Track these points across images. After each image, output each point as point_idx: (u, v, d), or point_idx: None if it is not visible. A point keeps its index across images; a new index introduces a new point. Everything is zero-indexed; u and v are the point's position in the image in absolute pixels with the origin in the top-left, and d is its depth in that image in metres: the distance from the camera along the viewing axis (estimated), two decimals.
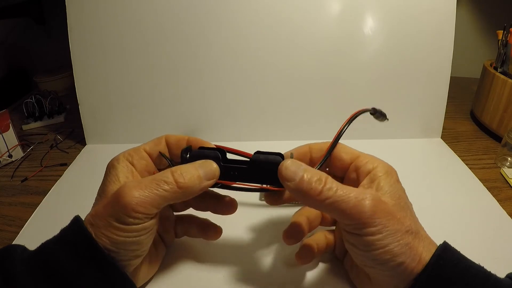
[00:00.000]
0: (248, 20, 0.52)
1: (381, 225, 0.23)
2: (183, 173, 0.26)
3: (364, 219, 0.23)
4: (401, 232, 0.24)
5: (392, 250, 0.23)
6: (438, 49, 0.53)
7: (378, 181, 0.26)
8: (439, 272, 0.23)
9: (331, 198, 0.24)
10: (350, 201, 0.24)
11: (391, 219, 0.24)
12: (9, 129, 0.52)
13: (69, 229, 0.26)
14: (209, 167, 0.27)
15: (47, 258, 0.25)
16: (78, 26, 0.52)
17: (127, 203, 0.24)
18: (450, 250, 0.25)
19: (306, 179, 0.25)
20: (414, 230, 0.24)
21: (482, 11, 0.86)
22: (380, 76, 0.54)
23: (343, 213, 0.24)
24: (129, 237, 0.25)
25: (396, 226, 0.24)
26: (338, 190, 0.24)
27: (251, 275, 0.32)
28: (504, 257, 0.34)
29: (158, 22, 0.52)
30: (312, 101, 0.54)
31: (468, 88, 0.77)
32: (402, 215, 0.25)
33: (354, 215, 0.24)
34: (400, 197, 0.26)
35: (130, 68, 0.53)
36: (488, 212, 0.40)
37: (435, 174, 0.47)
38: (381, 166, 0.27)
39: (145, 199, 0.24)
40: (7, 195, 0.46)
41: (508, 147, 0.49)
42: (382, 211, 0.24)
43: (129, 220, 0.24)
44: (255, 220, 0.39)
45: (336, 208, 0.24)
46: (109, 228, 0.24)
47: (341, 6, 0.52)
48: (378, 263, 0.24)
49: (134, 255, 0.26)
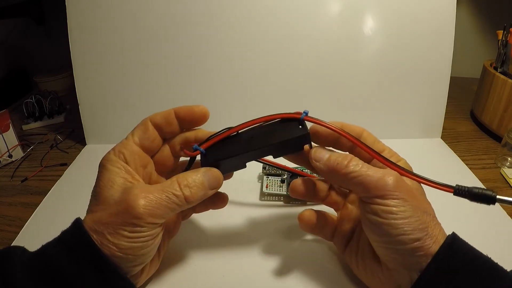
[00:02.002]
0: (248, 20, 0.52)
1: (403, 198, 0.25)
2: (190, 184, 0.26)
3: (388, 191, 0.25)
4: (420, 211, 0.25)
5: (413, 223, 0.24)
6: (438, 49, 0.53)
7: None
8: (448, 261, 0.24)
9: (356, 172, 0.26)
10: (375, 175, 0.25)
11: (413, 197, 0.25)
12: (9, 129, 0.52)
13: (70, 233, 0.26)
14: (214, 176, 0.28)
15: (47, 261, 0.24)
16: (78, 26, 0.52)
17: (138, 214, 0.24)
18: (459, 240, 0.25)
19: (333, 157, 0.27)
20: (431, 213, 0.26)
21: (482, 11, 0.85)
22: (380, 76, 0.54)
23: (368, 186, 0.25)
24: (139, 243, 0.25)
25: (417, 203, 0.25)
26: (363, 166, 0.26)
27: (251, 275, 0.32)
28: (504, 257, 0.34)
29: (158, 22, 0.52)
30: (312, 101, 0.54)
31: (468, 88, 0.77)
32: (422, 198, 0.27)
33: (378, 188, 0.25)
34: (419, 186, 0.28)
35: (130, 68, 0.53)
36: (488, 212, 0.40)
37: (435, 174, 0.47)
38: (403, 162, 0.29)
39: (156, 211, 0.25)
40: (7, 195, 0.46)
41: (508, 147, 0.49)
42: (405, 188, 0.25)
43: (140, 229, 0.25)
44: (255, 220, 0.39)
45: (361, 182, 0.25)
46: (117, 236, 0.24)
47: (341, 6, 0.52)
48: (397, 236, 0.24)
49: (140, 261, 0.26)
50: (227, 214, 0.39)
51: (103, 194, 0.26)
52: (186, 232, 0.37)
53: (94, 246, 0.24)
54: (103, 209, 0.26)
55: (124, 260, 0.25)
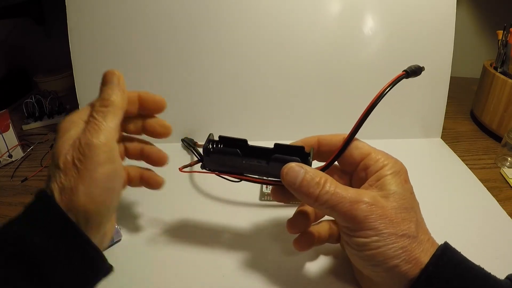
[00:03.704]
0: (248, 20, 0.52)
1: (373, 228, 0.24)
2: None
3: (357, 223, 0.24)
4: (395, 236, 0.24)
5: (385, 253, 0.24)
6: (438, 49, 0.53)
7: (383, 180, 0.26)
8: (438, 273, 0.23)
9: (327, 203, 0.25)
10: (344, 205, 0.24)
11: (387, 223, 0.24)
12: (9, 129, 0.52)
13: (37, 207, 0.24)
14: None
15: (12, 237, 0.23)
16: (78, 26, 0.52)
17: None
18: (450, 251, 0.25)
19: (305, 183, 0.26)
20: (412, 234, 0.24)
21: (482, 11, 0.86)
22: (380, 76, 0.53)
23: (339, 216, 0.25)
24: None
25: (391, 230, 0.24)
26: (333, 195, 0.25)
27: (251, 274, 0.32)
28: (504, 257, 0.34)
29: (158, 22, 0.52)
30: (311, 101, 0.54)
31: (468, 88, 0.77)
32: (401, 217, 0.25)
33: (348, 219, 0.24)
34: (404, 197, 0.26)
35: (130, 68, 0.53)
36: (488, 212, 0.40)
37: (435, 174, 0.47)
38: (390, 165, 0.27)
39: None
40: (7, 195, 0.46)
41: (508, 147, 0.49)
42: (377, 215, 0.24)
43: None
44: (255, 220, 0.39)
45: (333, 211, 0.25)
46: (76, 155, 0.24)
47: (341, 6, 0.52)
48: (371, 264, 0.25)
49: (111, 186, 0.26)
50: (227, 214, 0.40)
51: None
52: (186, 232, 0.37)
53: (63, 213, 0.23)
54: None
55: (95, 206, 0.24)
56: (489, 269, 0.24)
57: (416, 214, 0.26)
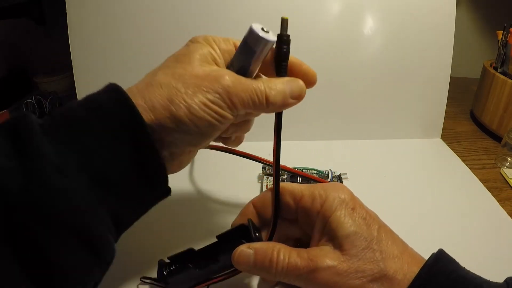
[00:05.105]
0: (248, 20, 0.52)
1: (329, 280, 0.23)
2: (273, 87, 0.25)
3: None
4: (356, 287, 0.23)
5: None
6: (438, 49, 0.53)
7: (329, 224, 0.25)
8: (428, 283, 0.22)
9: (287, 277, 0.24)
10: (302, 276, 0.24)
11: (342, 280, 0.23)
12: None
13: (107, 99, 0.23)
14: (297, 85, 0.28)
15: (72, 122, 0.22)
16: (78, 26, 0.52)
17: (226, 86, 0.23)
18: (443, 260, 0.24)
19: (259, 263, 0.24)
20: (378, 275, 0.23)
21: (482, 11, 0.86)
22: (380, 76, 0.54)
23: (304, 285, 0.24)
24: (210, 117, 0.23)
25: (350, 282, 0.23)
26: (289, 266, 0.24)
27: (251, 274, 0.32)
28: (504, 257, 0.34)
29: (158, 22, 0.52)
30: (311, 101, 0.54)
31: (468, 88, 0.77)
32: (360, 264, 0.23)
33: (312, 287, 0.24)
34: (358, 235, 0.24)
35: (130, 68, 0.53)
36: (488, 212, 0.40)
37: (435, 174, 0.47)
38: (328, 203, 0.25)
39: (240, 93, 0.24)
40: None
41: (508, 147, 0.49)
42: (340, 276, 0.23)
43: (220, 103, 0.23)
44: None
45: (296, 281, 0.24)
46: (195, 99, 0.22)
47: (341, 6, 0.52)
48: None
49: (194, 141, 0.24)
50: (227, 214, 0.39)
51: (191, 56, 0.25)
52: (186, 232, 0.37)
53: (135, 111, 0.22)
54: (184, 68, 0.24)
55: (181, 129, 0.23)
56: (489, 269, 0.24)
57: (379, 243, 0.24)
